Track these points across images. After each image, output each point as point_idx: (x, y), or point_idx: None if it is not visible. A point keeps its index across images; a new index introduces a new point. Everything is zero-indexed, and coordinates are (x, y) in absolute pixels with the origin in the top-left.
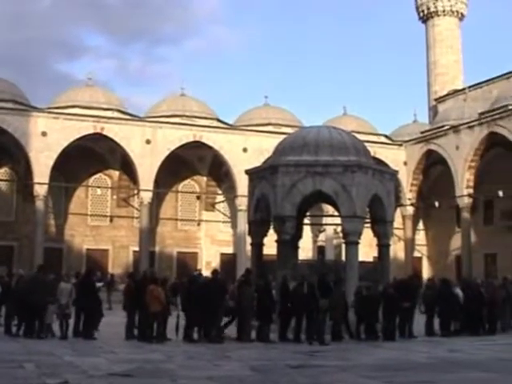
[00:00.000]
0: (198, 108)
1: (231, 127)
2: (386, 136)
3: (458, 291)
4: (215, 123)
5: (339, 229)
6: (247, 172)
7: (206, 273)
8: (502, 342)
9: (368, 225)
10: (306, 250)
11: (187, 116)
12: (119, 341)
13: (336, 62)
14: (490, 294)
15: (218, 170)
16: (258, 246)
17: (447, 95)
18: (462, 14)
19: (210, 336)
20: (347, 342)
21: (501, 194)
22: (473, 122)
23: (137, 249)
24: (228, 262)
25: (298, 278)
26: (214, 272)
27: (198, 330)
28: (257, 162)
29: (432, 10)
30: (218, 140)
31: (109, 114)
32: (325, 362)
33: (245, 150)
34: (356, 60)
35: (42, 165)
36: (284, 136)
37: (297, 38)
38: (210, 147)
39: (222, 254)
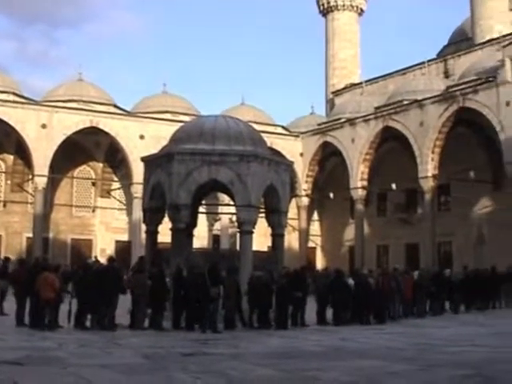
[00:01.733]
0: (96, 93)
1: (128, 114)
2: (283, 127)
3: (351, 281)
4: (112, 109)
5: (234, 218)
6: (143, 159)
7: (101, 260)
8: (391, 331)
9: (263, 215)
10: (201, 238)
11: (84, 101)
12: (9, 328)
13: (236, 52)
14: (379, 284)
15: (114, 156)
16: (152, 233)
17: (344, 89)
18: (361, 9)
19: (102, 323)
20: (240, 331)
21: (394, 186)
22: (368, 115)
23: (30, 235)
24: (123, 249)
25: (192, 267)
26: (110, 259)
27: (91, 317)
28: (154, 149)
29: (332, 4)
30: (114, 126)
31: (4, 96)
32: (217, 349)
33: (142, 137)
34: (256, 51)
35: None
36: (181, 124)
37: (198, 27)
38: (106, 133)
39: (117, 242)
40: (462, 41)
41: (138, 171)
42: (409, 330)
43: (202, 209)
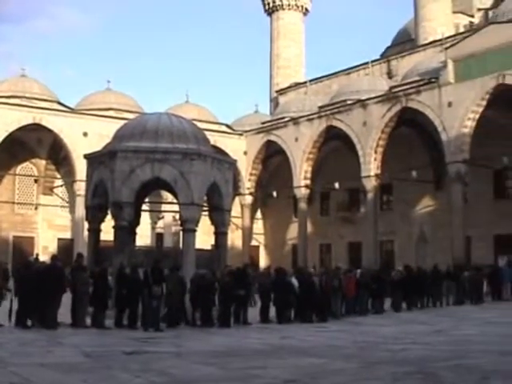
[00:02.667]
0: (39, 90)
1: (72, 111)
2: (228, 125)
3: (294, 280)
4: (56, 106)
5: (178, 216)
6: (86, 157)
7: (44, 258)
8: (333, 329)
9: (206, 213)
10: (144, 236)
11: (27, 97)
12: None
13: (181, 50)
14: (323, 282)
15: (57, 153)
16: (95, 231)
17: (289, 88)
18: (306, 8)
19: (44, 322)
20: (183, 329)
21: (337, 186)
22: (312, 114)
23: None
24: (65, 247)
25: (135, 265)
26: (53, 258)
27: (33, 316)
28: (97, 146)
29: (277, 3)
30: (58, 123)
31: None
32: (159, 348)
33: (85, 134)
34: (201, 49)
35: None
36: (125, 121)
37: (143, 24)
38: (49, 130)
39: (60, 239)
40: (406, 42)
41: (81, 168)
42: (350, 328)
43: (145, 207)
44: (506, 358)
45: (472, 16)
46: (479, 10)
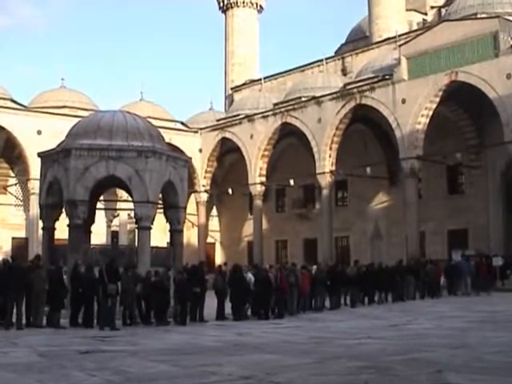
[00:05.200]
0: None
1: (25, 108)
2: (182, 123)
3: (251, 276)
4: (9, 104)
5: (133, 214)
6: (40, 155)
7: None
8: (289, 326)
9: (161, 210)
10: (99, 234)
11: None
12: None
13: (135, 48)
14: (278, 279)
15: (11, 151)
16: (49, 230)
17: (243, 85)
18: (260, 6)
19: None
20: (138, 327)
21: (292, 182)
22: (267, 112)
23: None
24: (20, 246)
25: (90, 263)
26: (12, 258)
27: None
28: (51, 144)
29: (232, 0)
30: (11, 121)
31: None
32: (114, 347)
33: (39, 132)
34: (155, 47)
35: None
36: (79, 119)
37: (97, 22)
38: (3, 128)
39: (14, 239)
40: (360, 39)
41: (35, 167)
42: (306, 324)
43: (100, 205)
44: (459, 351)
45: (425, 14)
46: (432, 7)
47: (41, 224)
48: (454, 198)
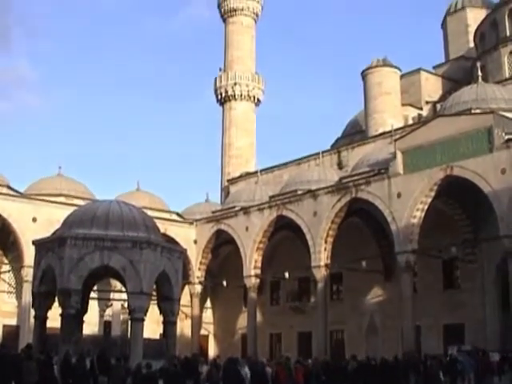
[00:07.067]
0: None
1: (21, 195)
2: (178, 214)
3: (247, 371)
4: (5, 190)
5: (126, 304)
6: (34, 243)
7: None
8: None
9: (155, 301)
10: (92, 324)
11: None
12: None
13: (133, 137)
14: (273, 373)
15: (5, 238)
16: (41, 318)
17: (240, 177)
18: (258, 99)
19: None
20: None
21: (287, 275)
22: (263, 204)
23: None
24: (11, 334)
25: (81, 354)
26: (1, 346)
27: None
28: (47, 232)
29: (230, 93)
30: (7, 207)
31: None
32: None
33: (34, 219)
34: (152, 137)
35: None
36: (75, 208)
37: (95, 112)
38: None
39: (5, 326)
40: (356, 133)
41: (29, 254)
42: None
43: (93, 294)
44: None
45: (421, 108)
46: (427, 102)
47: (33, 312)
48: (450, 292)
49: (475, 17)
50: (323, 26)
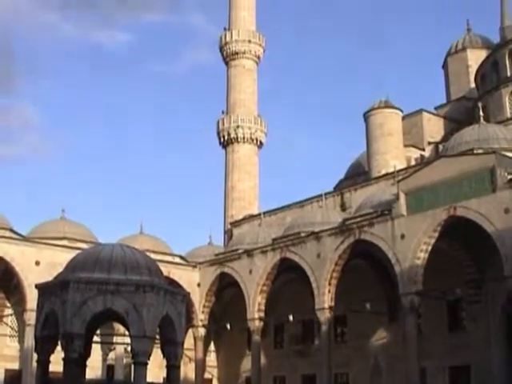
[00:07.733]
0: None
1: (24, 238)
2: (181, 257)
3: None
4: (8, 233)
5: (129, 348)
6: (37, 286)
7: None
8: None
9: (158, 345)
10: (94, 368)
11: None
12: None
13: (136, 180)
14: None
15: (8, 281)
16: (44, 363)
17: (243, 220)
18: (260, 141)
19: None
20: None
21: (291, 318)
22: (266, 247)
23: None
24: (13, 378)
25: None
26: None
27: None
28: (50, 275)
29: (232, 136)
30: (9, 251)
31: None
32: None
33: (37, 263)
34: (155, 180)
35: None
36: (79, 251)
37: (98, 155)
38: (1, 258)
39: (7, 370)
40: (359, 174)
41: (32, 297)
42: None
43: (96, 338)
44: None
45: (423, 149)
46: (430, 143)
47: (35, 356)
48: (455, 333)
49: (476, 57)
50: (325, 67)
